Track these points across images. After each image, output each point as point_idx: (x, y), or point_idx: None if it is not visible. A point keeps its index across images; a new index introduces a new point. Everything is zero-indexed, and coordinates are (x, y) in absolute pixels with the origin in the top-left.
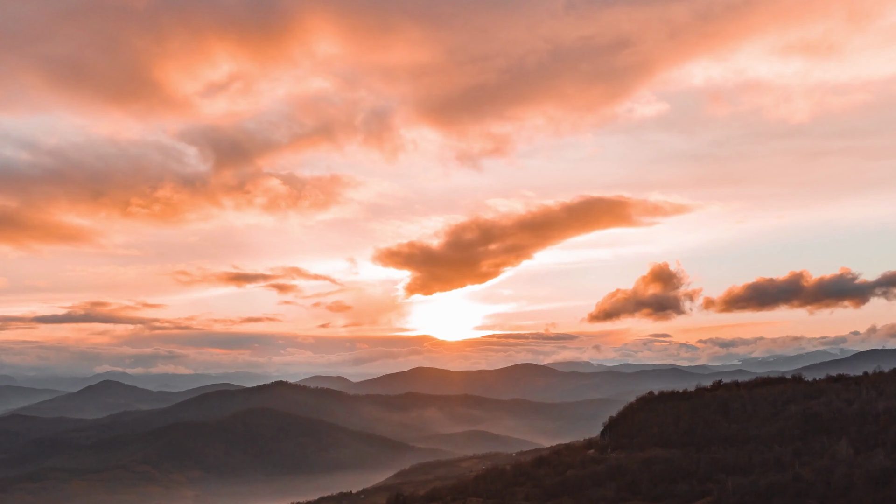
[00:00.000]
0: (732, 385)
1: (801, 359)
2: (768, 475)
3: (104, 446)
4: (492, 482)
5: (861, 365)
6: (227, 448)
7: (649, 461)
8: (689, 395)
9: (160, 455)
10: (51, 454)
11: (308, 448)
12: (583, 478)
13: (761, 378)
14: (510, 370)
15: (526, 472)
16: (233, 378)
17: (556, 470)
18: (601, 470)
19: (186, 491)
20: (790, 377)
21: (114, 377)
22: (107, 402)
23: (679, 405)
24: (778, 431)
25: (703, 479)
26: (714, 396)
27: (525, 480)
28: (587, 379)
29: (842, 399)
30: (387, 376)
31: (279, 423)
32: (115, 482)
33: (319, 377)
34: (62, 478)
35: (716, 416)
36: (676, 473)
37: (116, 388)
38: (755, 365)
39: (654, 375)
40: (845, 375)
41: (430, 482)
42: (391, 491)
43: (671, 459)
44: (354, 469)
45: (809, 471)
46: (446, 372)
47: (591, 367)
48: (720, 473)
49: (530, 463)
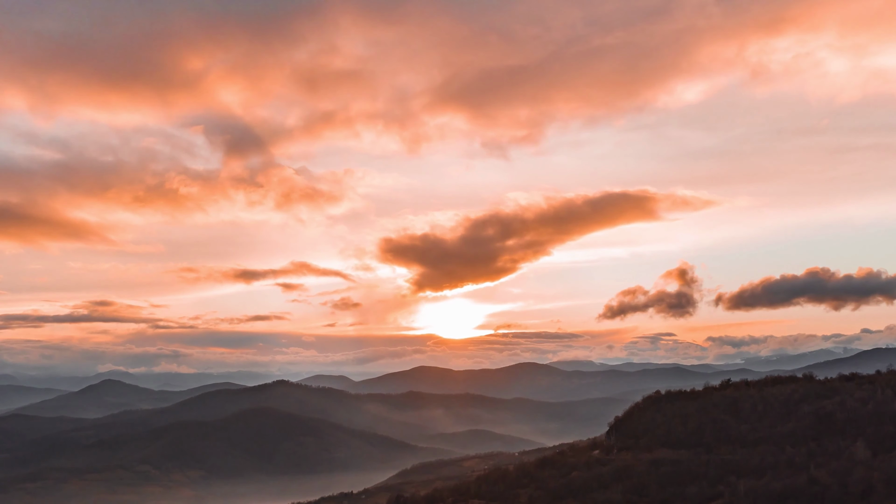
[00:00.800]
0: (742, 384)
1: (805, 357)
2: (782, 477)
3: (104, 446)
4: (494, 483)
5: (866, 364)
6: (227, 448)
7: (657, 463)
8: (696, 394)
9: (160, 455)
10: (51, 454)
11: (309, 448)
12: (588, 480)
13: (771, 377)
14: (512, 369)
15: (529, 473)
16: (235, 377)
17: (561, 471)
18: (607, 472)
19: (187, 491)
20: (801, 376)
21: (115, 376)
22: (108, 401)
23: (687, 405)
24: (790, 432)
25: (713, 482)
26: (723, 396)
27: (528, 482)
28: (590, 378)
29: (856, 398)
30: (389, 375)
31: (280, 423)
32: (115, 482)
33: (321, 376)
34: (62, 477)
35: (725, 415)
36: (685, 475)
37: (118, 387)
38: (759, 364)
39: (657, 375)
40: (858, 374)
41: (431, 482)
42: (392, 491)
43: (680, 461)
44: (356, 469)
45: (825, 473)
46: (448, 371)
47: (594, 366)
48: (731, 476)
49: (534, 464)
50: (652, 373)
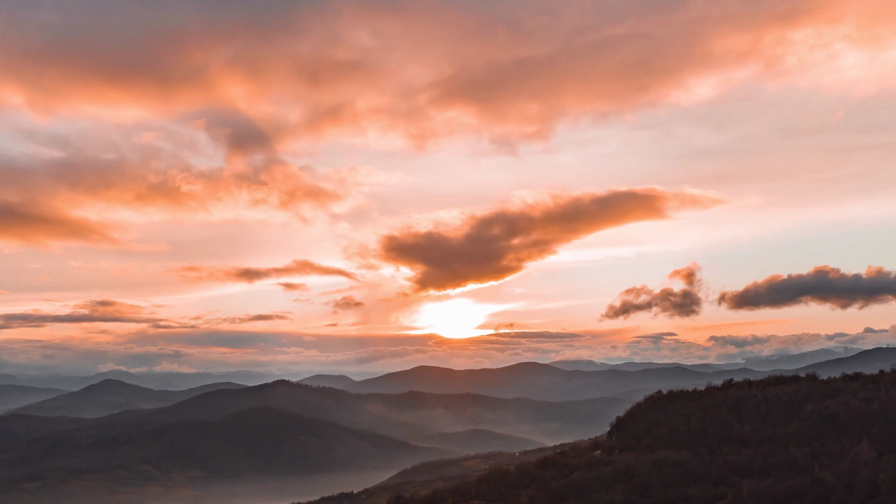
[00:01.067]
0: (744, 384)
1: (806, 357)
2: (785, 478)
3: (104, 446)
4: (495, 484)
5: (868, 363)
6: (227, 447)
7: (659, 463)
8: (699, 394)
9: (160, 454)
10: (51, 454)
11: (309, 448)
12: (589, 480)
13: (774, 376)
14: (513, 369)
15: (530, 473)
16: (235, 377)
17: (562, 472)
18: (609, 472)
19: (187, 491)
20: (804, 375)
21: (116, 376)
22: (108, 401)
23: (689, 404)
24: (794, 432)
25: (716, 483)
26: (726, 396)
27: (529, 483)
28: (590, 378)
29: (860, 398)
30: (389, 375)
31: (280, 423)
32: (114, 482)
33: (322, 376)
34: (62, 477)
35: (728, 415)
36: (688, 476)
37: (118, 387)
38: (760, 364)
39: (658, 374)
40: (862, 374)
41: (432, 482)
42: (393, 492)
43: (682, 461)
44: (356, 469)
45: (829, 474)
46: (449, 371)
47: (595, 365)
48: (734, 476)
49: (535, 464)
50: (653, 372)
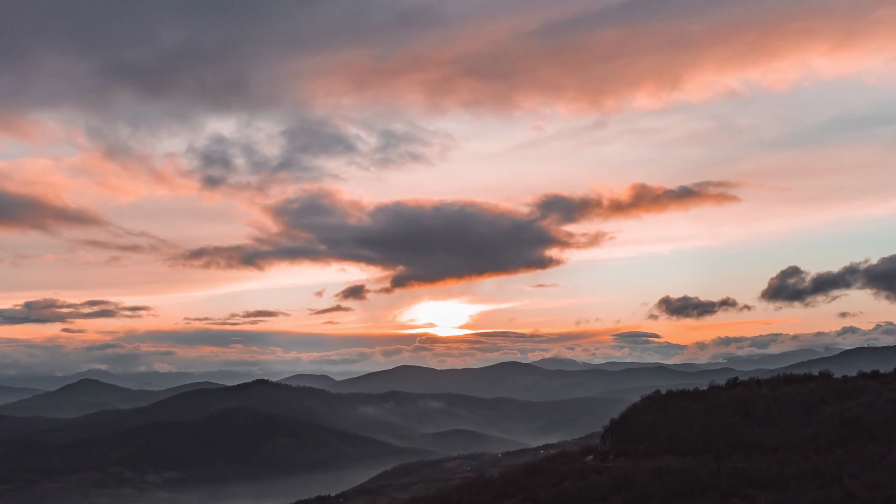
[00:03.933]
0: (752, 383)
1: (787, 357)
2: (809, 490)
3: (78, 447)
4: (477, 493)
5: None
6: (204, 448)
7: (661, 471)
8: (702, 394)
9: (135, 456)
10: (23, 455)
11: (288, 448)
12: (583, 490)
13: (784, 375)
14: (494, 368)
15: (516, 481)
16: (215, 377)
17: (551, 480)
18: (604, 481)
19: (162, 493)
20: (818, 374)
21: (94, 375)
22: (85, 401)
23: (691, 406)
24: (812, 437)
25: (727, 494)
26: (732, 396)
27: (515, 491)
28: (573, 377)
29: (884, 399)
30: (371, 374)
31: (259, 423)
32: (87, 484)
33: (303, 375)
34: (32, 479)
35: (736, 418)
36: (694, 486)
37: (96, 386)
38: (741, 363)
39: (641, 373)
40: (880, 372)
41: (412, 484)
42: (371, 495)
43: (687, 469)
44: (335, 469)
45: (861, 485)
46: (431, 370)
47: (577, 365)
48: (747, 487)
49: (521, 471)
50: (635, 372)
